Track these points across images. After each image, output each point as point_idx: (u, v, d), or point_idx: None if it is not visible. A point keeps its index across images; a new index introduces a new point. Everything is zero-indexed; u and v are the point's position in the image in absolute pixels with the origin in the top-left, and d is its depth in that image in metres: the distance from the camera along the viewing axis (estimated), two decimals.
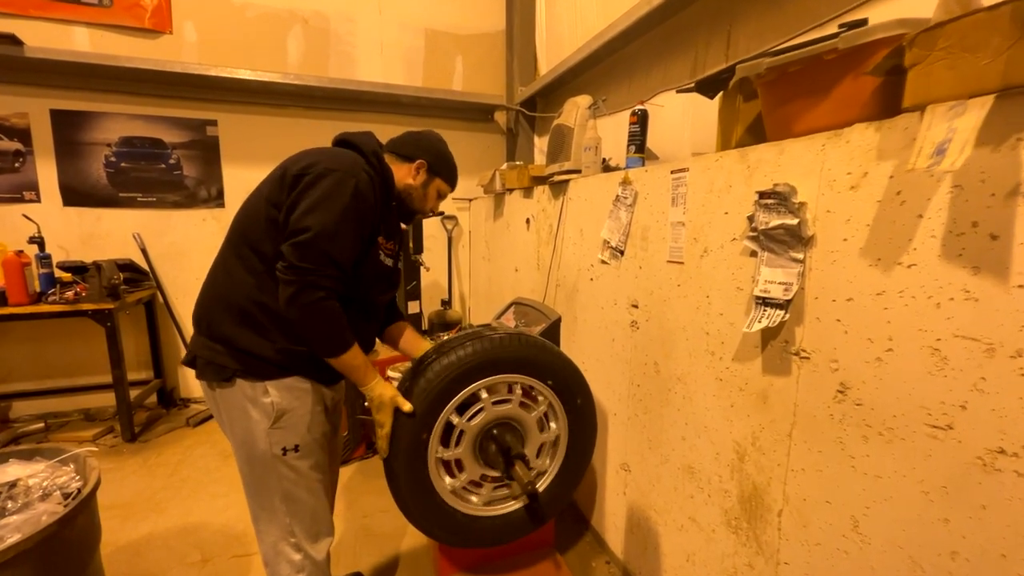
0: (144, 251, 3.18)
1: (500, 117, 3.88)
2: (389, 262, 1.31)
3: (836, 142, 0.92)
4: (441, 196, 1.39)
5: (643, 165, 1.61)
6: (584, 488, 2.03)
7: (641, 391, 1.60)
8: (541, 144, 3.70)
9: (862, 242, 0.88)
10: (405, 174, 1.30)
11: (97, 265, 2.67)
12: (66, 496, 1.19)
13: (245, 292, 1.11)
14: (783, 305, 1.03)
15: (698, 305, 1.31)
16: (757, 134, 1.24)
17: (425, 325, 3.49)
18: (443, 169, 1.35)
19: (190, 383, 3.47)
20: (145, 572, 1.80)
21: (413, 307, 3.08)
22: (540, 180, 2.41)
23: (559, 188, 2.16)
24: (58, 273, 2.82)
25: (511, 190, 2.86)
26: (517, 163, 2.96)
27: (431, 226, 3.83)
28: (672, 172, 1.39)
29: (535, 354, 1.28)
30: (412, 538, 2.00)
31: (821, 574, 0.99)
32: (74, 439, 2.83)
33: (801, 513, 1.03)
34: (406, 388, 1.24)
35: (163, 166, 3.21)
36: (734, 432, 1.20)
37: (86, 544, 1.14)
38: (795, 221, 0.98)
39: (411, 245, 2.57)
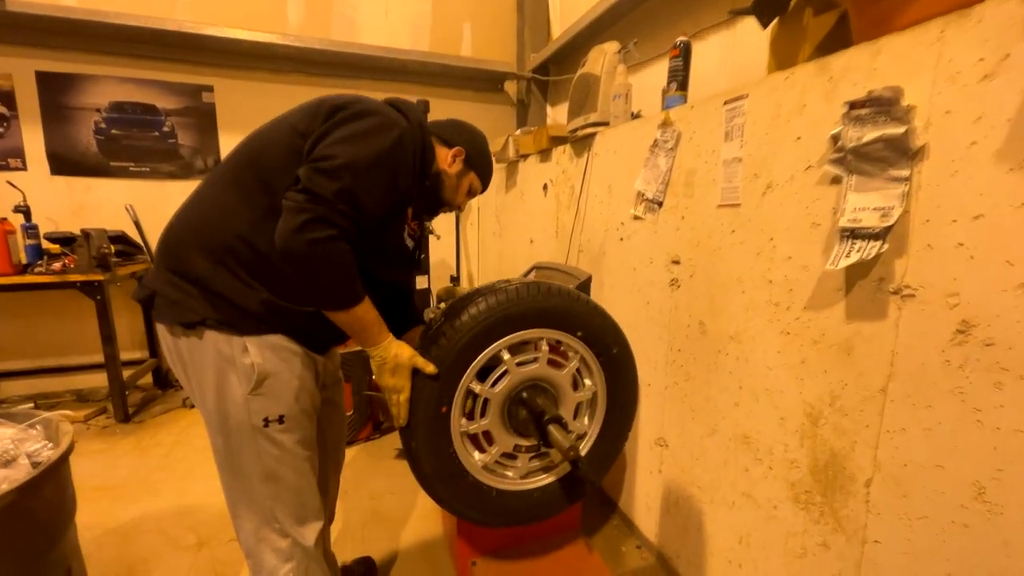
0: (137, 224, 3.01)
1: (510, 87, 3.70)
2: (410, 244, 1.14)
3: (962, 24, 0.75)
4: (472, 193, 1.23)
5: (686, 103, 1.44)
6: (611, 469, 1.87)
7: (683, 356, 1.44)
8: (555, 115, 3.52)
9: (999, 143, 0.71)
10: (442, 159, 1.13)
11: (85, 233, 2.50)
12: (36, 465, 1.03)
13: (236, 227, 0.93)
14: (879, 234, 0.86)
15: (759, 250, 1.14)
16: (832, 51, 1.07)
17: (434, 302, 3.33)
18: (480, 165, 1.19)
19: None
20: (135, 556, 1.65)
21: (421, 282, 2.92)
22: (559, 141, 2.24)
23: (583, 145, 1.99)
24: (46, 244, 2.65)
25: (525, 156, 2.68)
26: (531, 128, 2.78)
27: None
28: (726, 102, 1.22)
29: (559, 303, 1.11)
30: (424, 521, 1.84)
31: (928, 554, 0.83)
32: (64, 419, 2.68)
33: (899, 482, 0.86)
34: None
35: (156, 134, 3.03)
36: (805, 393, 1.04)
37: (55, 518, 0.99)
38: (900, 130, 0.81)
39: None
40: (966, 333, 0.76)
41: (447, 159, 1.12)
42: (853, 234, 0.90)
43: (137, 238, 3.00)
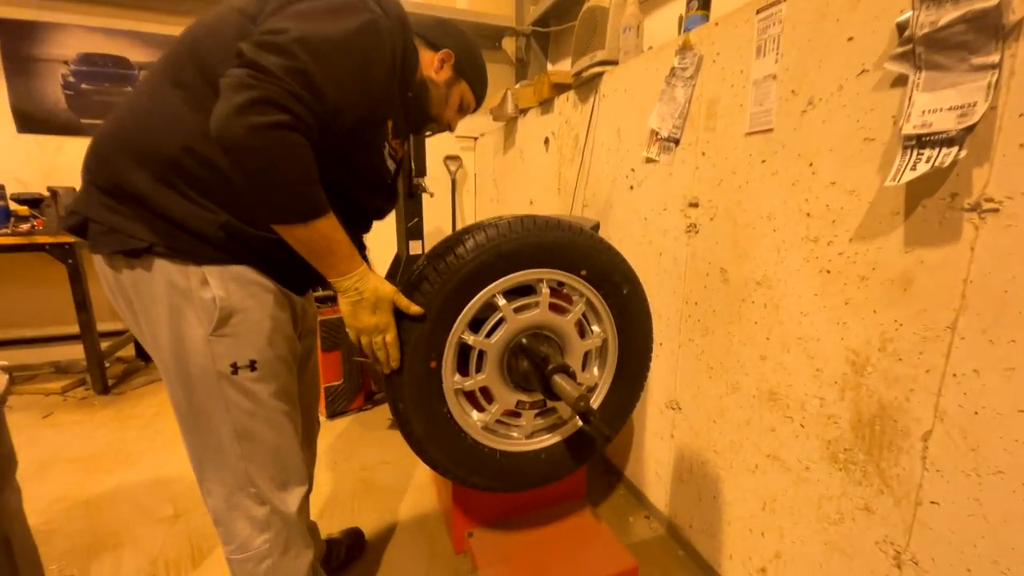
0: None
1: (508, 45, 3.48)
2: (392, 166, 0.98)
3: None
4: (464, 108, 1.04)
5: (708, 21, 1.28)
6: (616, 435, 1.76)
7: (700, 309, 1.30)
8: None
9: None
10: (427, 64, 0.95)
11: (53, 192, 2.34)
12: None
13: (181, 137, 0.75)
14: (955, 139, 0.71)
15: (795, 179, 0.99)
16: None
17: None
18: (472, 71, 1.01)
19: None
20: (105, 528, 1.53)
21: (415, 247, 2.76)
22: (562, 88, 2.07)
23: (588, 88, 1.82)
24: (13, 206, 2.49)
25: (525, 111, 2.51)
26: (530, 80, 2.60)
27: (433, 167, 3.48)
28: (759, 11, 1.05)
29: (558, 238, 0.97)
30: (419, 492, 1.73)
31: (1000, 516, 0.70)
32: (40, 391, 2.56)
33: (968, 433, 0.74)
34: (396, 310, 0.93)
35: (129, 89, 2.83)
36: (849, 338, 0.91)
37: None
38: (993, 1, 0.66)
39: (412, 166, 2.24)
40: None
41: (433, 64, 0.95)
42: (920, 142, 0.75)
43: None
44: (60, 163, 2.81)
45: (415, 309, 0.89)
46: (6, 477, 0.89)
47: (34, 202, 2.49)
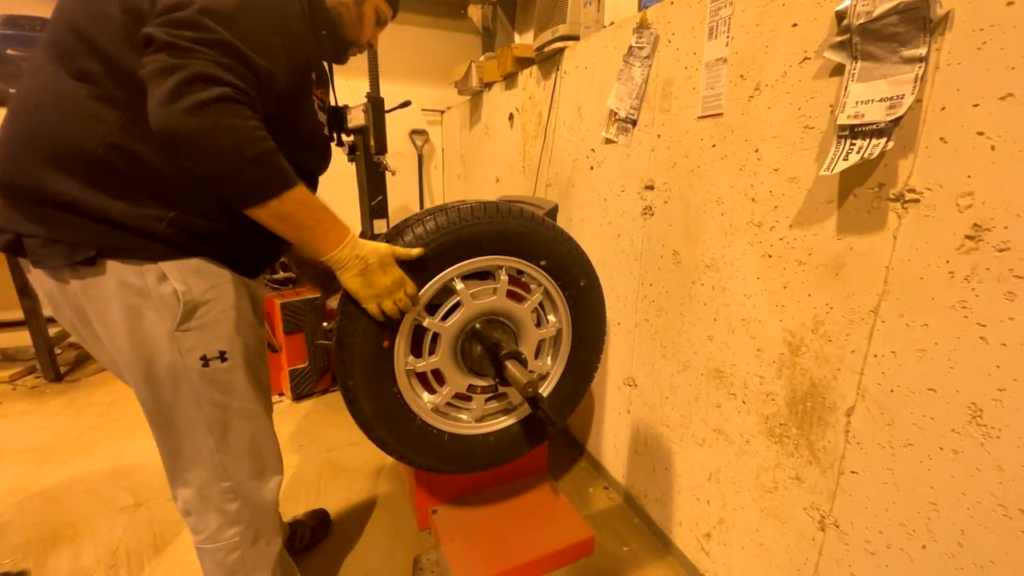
0: None
1: (474, 13, 3.35)
2: (323, 119, 0.94)
3: None
4: (380, 22, 0.99)
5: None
6: (578, 411, 1.82)
7: (654, 290, 1.33)
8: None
9: None
10: None
11: None
12: None
13: (102, 134, 0.69)
14: (884, 130, 0.74)
15: (742, 164, 1.01)
16: None
17: None
18: None
19: None
20: (61, 520, 1.50)
21: (380, 226, 2.71)
22: (525, 63, 2.02)
23: (551, 64, 1.78)
24: None
25: (490, 85, 2.45)
26: (495, 53, 2.53)
27: (398, 143, 3.39)
28: None
29: (519, 227, 0.98)
30: (385, 472, 1.76)
31: (910, 482, 0.77)
32: None
33: (885, 409, 0.79)
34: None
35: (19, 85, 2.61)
36: (787, 320, 0.95)
37: None
38: None
39: (372, 144, 2.17)
40: (976, 239, 0.66)
41: None
42: (853, 132, 0.77)
43: None
44: None
45: (416, 251, 0.89)
46: None
47: None
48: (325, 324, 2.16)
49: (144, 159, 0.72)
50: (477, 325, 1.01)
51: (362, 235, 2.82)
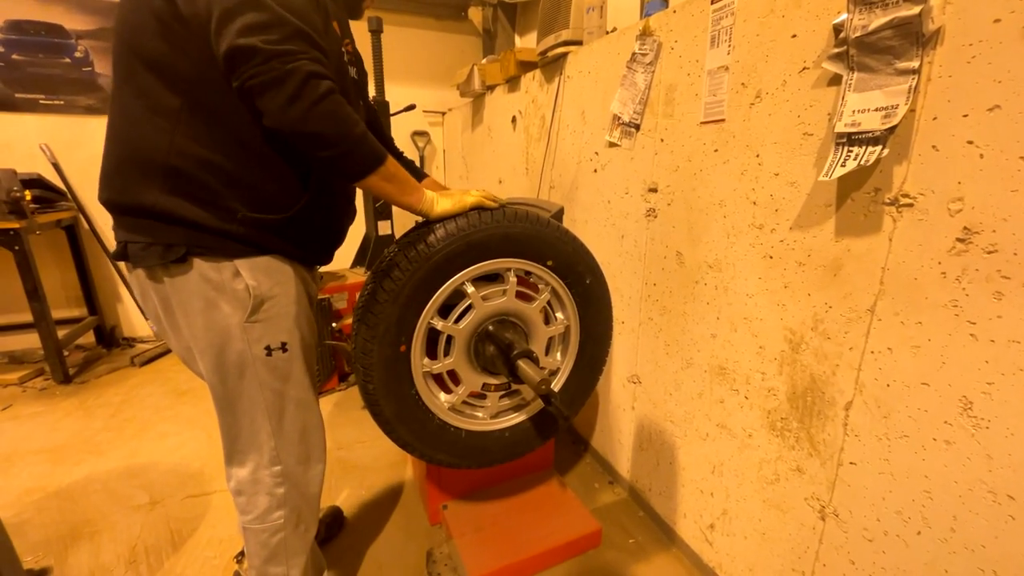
0: (56, 166, 2.68)
1: (475, 15, 3.38)
2: (353, 72, 0.99)
3: None
4: None
5: (667, 8, 1.29)
6: (584, 408, 1.85)
7: (658, 290, 1.37)
8: (524, 46, 3.26)
9: None
10: None
11: None
12: None
13: (163, 145, 0.77)
14: (879, 138, 0.78)
15: (744, 169, 1.05)
16: None
17: None
18: None
19: (133, 320, 3.09)
20: (80, 518, 1.54)
21: (384, 228, 2.75)
22: (528, 66, 2.05)
23: (554, 68, 1.82)
24: None
25: (492, 87, 2.48)
26: (497, 56, 2.56)
27: (400, 144, 3.40)
28: (713, 1, 1.08)
29: (526, 229, 1.01)
30: (394, 468, 1.80)
31: (905, 472, 0.81)
32: None
33: (881, 402, 0.83)
34: (368, 296, 0.97)
35: (67, 60, 2.64)
36: (787, 318, 0.99)
37: None
38: (915, 10, 0.71)
39: None
40: (967, 241, 0.70)
41: None
42: (850, 140, 0.81)
43: (57, 182, 2.68)
44: None
45: (502, 198, 1.02)
46: None
47: None
48: (333, 325, 2.19)
49: (206, 159, 0.78)
50: (489, 327, 1.05)
51: (366, 236, 2.85)
